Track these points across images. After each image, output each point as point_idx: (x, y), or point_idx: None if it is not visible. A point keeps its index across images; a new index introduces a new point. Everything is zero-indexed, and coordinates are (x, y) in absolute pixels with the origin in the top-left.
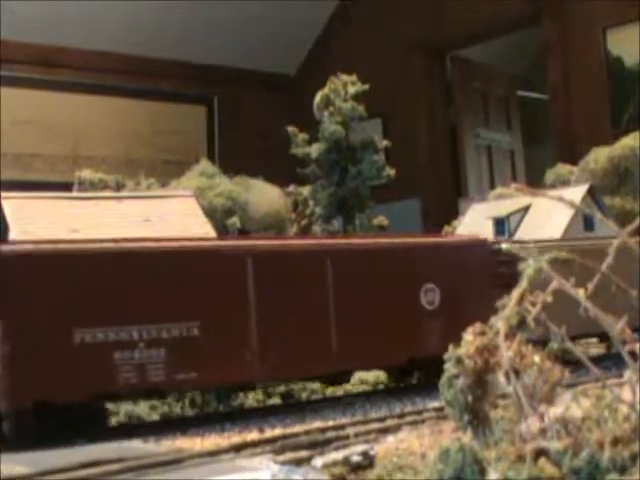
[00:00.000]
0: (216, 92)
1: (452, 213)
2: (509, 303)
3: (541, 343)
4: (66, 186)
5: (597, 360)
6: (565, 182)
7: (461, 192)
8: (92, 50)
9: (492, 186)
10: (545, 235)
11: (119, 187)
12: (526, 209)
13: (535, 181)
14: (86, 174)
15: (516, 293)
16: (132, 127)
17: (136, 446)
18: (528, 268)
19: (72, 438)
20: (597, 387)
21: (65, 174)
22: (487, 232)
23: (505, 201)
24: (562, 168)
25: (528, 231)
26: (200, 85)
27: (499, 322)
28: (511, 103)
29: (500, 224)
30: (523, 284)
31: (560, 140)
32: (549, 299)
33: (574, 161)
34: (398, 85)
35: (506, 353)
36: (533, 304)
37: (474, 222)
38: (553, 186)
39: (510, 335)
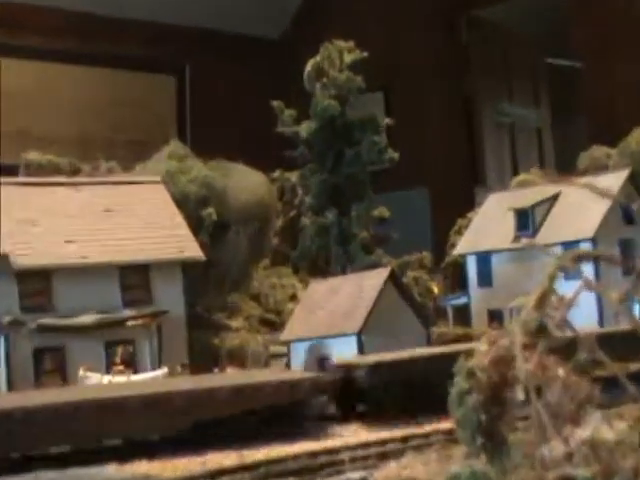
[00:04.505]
0: (188, 59)
1: (467, 204)
2: (527, 305)
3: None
4: (11, 169)
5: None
6: (602, 167)
7: (478, 179)
8: (46, 7)
9: (515, 172)
10: (576, 230)
11: (74, 171)
12: (554, 199)
13: (566, 166)
14: (33, 156)
15: (536, 294)
16: (88, 99)
17: (96, 472)
18: (550, 267)
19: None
20: (634, 408)
21: (10, 155)
22: (508, 226)
23: (530, 190)
24: (598, 150)
25: (556, 225)
26: (169, 51)
27: (515, 327)
28: (539, 72)
29: (523, 216)
30: (545, 284)
31: (595, 116)
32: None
33: (613, 142)
34: (404, 52)
35: (524, 365)
36: (556, 308)
37: (493, 214)
38: (587, 171)
39: (529, 344)
